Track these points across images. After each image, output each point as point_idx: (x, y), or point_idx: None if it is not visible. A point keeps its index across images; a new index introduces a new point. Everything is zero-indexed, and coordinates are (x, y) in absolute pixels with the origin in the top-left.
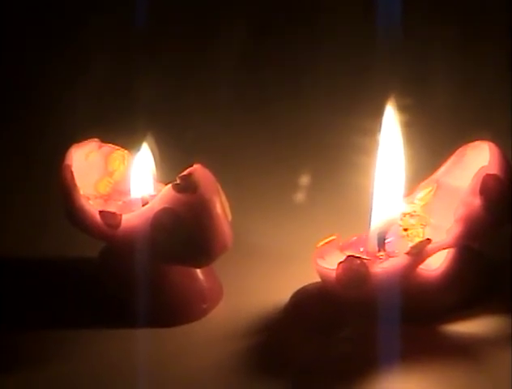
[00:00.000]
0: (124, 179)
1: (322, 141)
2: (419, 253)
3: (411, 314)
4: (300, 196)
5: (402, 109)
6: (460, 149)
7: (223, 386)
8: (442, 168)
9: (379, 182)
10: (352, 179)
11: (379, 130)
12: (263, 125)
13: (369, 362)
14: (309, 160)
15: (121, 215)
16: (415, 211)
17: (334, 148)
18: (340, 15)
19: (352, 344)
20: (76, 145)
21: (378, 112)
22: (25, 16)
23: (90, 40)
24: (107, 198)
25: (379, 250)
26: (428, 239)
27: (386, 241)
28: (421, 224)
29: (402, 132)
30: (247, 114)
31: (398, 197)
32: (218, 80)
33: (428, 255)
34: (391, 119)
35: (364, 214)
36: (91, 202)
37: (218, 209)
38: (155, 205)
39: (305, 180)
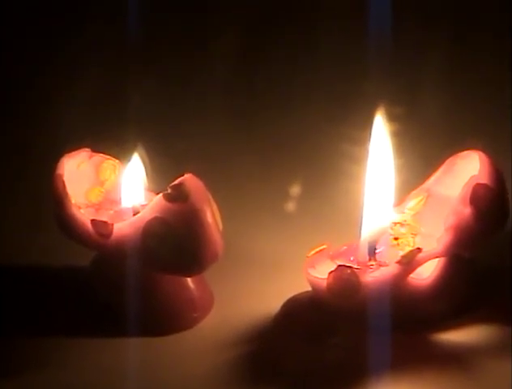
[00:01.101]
0: (115, 188)
1: (313, 150)
2: (409, 262)
3: (402, 322)
4: (290, 205)
5: (392, 118)
6: (450, 158)
7: None
8: (433, 178)
9: (369, 192)
10: (343, 188)
11: (369, 140)
12: (254, 134)
13: (360, 371)
14: (299, 169)
15: (112, 224)
16: (405, 221)
17: (326, 157)
18: (331, 25)
19: (344, 352)
20: (68, 155)
21: (369, 121)
22: (14, 27)
23: (81, 50)
24: (98, 207)
25: (370, 259)
26: (418, 248)
27: (376, 250)
28: (412, 233)
29: (392, 141)
30: (238, 123)
31: (389, 206)
32: (208, 89)
33: (419, 264)
34: (381, 129)
35: (355, 223)
36: (82, 211)
37: (209, 218)
38: (147, 214)
39: (295, 189)
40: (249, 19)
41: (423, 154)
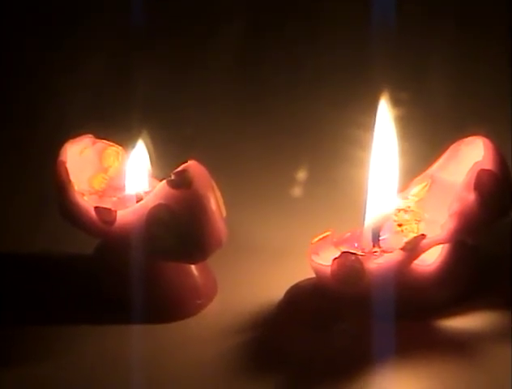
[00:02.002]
0: (118, 175)
1: (317, 136)
2: (413, 248)
3: (406, 309)
4: (294, 191)
5: (397, 103)
6: (455, 144)
7: (218, 381)
8: (437, 164)
9: (373, 178)
10: (347, 174)
11: (374, 125)
12: (258, 120)
13: (365, 357)
14: (303, 156)
15: (116, 211)
16: (409, 207)
17: (330, 143)
18: (337, 10)
19: (348, 338)
20: (70, 141)
21: (375, 106)
22: (23, 12)
23: (85, 36)
24: (101, 194)
25: (374, 246)
26: (422, 234)
27: (380, 236)
28: (416, 220)
29: (397, 127)
30: (242, 110)
31: (392, 193)
32: (213, 75)
33: (423, 251)
34: (385, 114)
35: (360, 209)
36: (85, 198)
37: (212, 205)
38: (150, 201)
39: (299, 175)
40: (254, 6)
41: (427, 140)
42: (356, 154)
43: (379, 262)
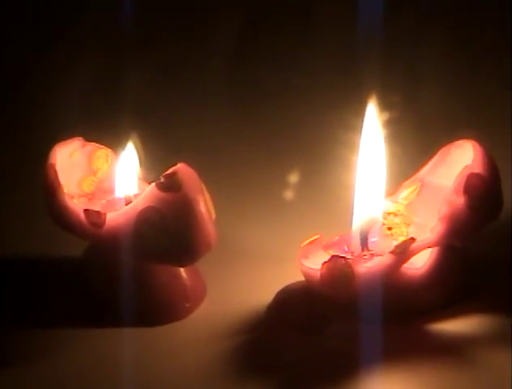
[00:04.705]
0: (108, 178)
1: (309, 139)
2: (403, 252)
3: (396, 312)
4: (284, 195)
5: (388, 106)
6: (444, 148)
7: (207, 385)
8: (426, 167)
9: (360, 181)
10: (338, 177)
11: (361, 129)
12: (248, 123)
13: (355, 361)
14: (293, 159)
15: (105, 213)
16: (399, 210)
17: (321, 146)
18: (327, 14)
19: (337, 342)
20: (60, 144)
21: (366, 109)
22: (11, 14)
23: (74, 38)
24: (91, 196)
25: (362, 249)
26: (412, 238)
27: (368, 240)
28: (405, 223)
29: (387, 130)
30: (231, 112)
31: (380, 196)
32: (204, 78)
33: (413, 254)
34: (373, 117)
35: (350, 212)
36: (75, 200)
37: (202, 208)
38: (139, 204)
39: (289, 178)
40: (248, 7)
41: (417, 143)
42: (347, 157)
43: (369, 266)
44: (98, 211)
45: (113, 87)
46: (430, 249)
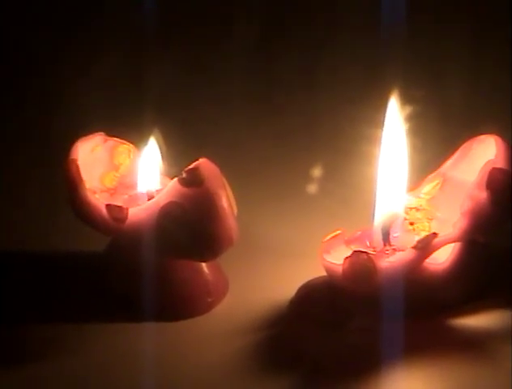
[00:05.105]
0: (130, 173)
1: (331, 134)
2: (425, 247)
3: (418, 307)
4: (306, 189)
5: (410, 101)
6: (467, 143)
7: (228, 380)
8: (449, 162)
9: (383, 176)
10: (361, 172)
11: (384, 124)
12: (269, 118)
13: (377, 356)
14: (315, 154)
15: (127, 208)
16: (421, 205)
17: (344, 141)
18: (352, 8)
19: (359, 336)
20: (82, 139)
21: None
22: (36, 12)
23: (98, 35)
24: (113, 192)
25: (384, 245)
26: (434, 233)
27: (390, 235)
28: (427, 218)
29: (410, 125)
30: (253, 108)
31: (402, 191)
32: (226, 74)
33: (435, 249)
34: (395, 112)
35: (372, 207)
36: (97, 196)
37: (224, 203)
38: (162, 199)
39: (311, 173)
40: (267, 7)
41: (439, 138)
42: (369, 152)
43: (391, 261)
44: (120, 206)
45: (135, 82)
46: (452, 244)
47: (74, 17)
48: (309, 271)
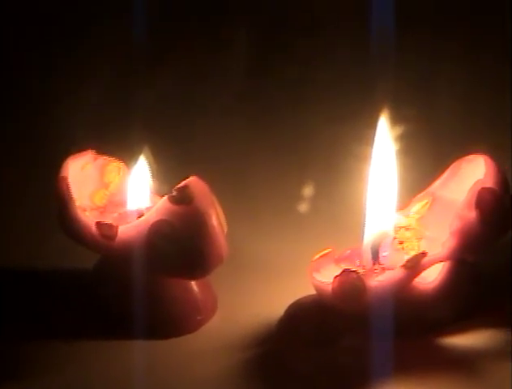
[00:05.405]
0: (119, 191)
1: (321, 151)
2: (414, 266)
3: (407, 326)
4: (295, 208)
5: (400, 120)
6: (456, 162)
7: None
8: (438, 181)
9: (372, 195)
10: (351, 190)
11: (374, 142)
12: (259, 135)
13: (366, 375)
14: (304, 172)
15: (117, 226)
16: (410, 224)
17: (334, 159)
18: (340, 26)
19: (350, 355)
20: (72, 157)
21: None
22: (24, 25)
23: (88, 51)
24: (103, 209)
25: (374, 263)
26: (423, 252)
27: (379, 254)
28: (417, 237)
29: (399, 144)
30: (244, 125)
31: (391, 210)
32: (216, 91)
33: (424, 268)
34: (384, 131)
35: (362, 225)
36: (87, 213)
37: (213, 221)
38: (151, 217)
39: (301, 191)
40: (260, 22)
41: (429, 157)
42: (359, 170)
43: (380, 280)
44: (110, 224)
45: (125, 100)
46: (441, 263)
47: (64, 34)
48: (299, 289)
